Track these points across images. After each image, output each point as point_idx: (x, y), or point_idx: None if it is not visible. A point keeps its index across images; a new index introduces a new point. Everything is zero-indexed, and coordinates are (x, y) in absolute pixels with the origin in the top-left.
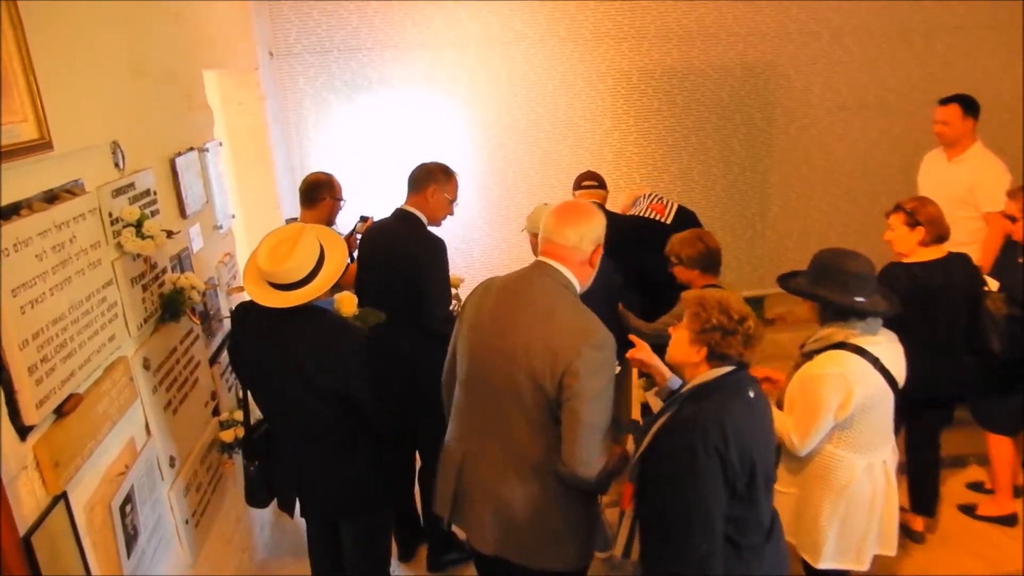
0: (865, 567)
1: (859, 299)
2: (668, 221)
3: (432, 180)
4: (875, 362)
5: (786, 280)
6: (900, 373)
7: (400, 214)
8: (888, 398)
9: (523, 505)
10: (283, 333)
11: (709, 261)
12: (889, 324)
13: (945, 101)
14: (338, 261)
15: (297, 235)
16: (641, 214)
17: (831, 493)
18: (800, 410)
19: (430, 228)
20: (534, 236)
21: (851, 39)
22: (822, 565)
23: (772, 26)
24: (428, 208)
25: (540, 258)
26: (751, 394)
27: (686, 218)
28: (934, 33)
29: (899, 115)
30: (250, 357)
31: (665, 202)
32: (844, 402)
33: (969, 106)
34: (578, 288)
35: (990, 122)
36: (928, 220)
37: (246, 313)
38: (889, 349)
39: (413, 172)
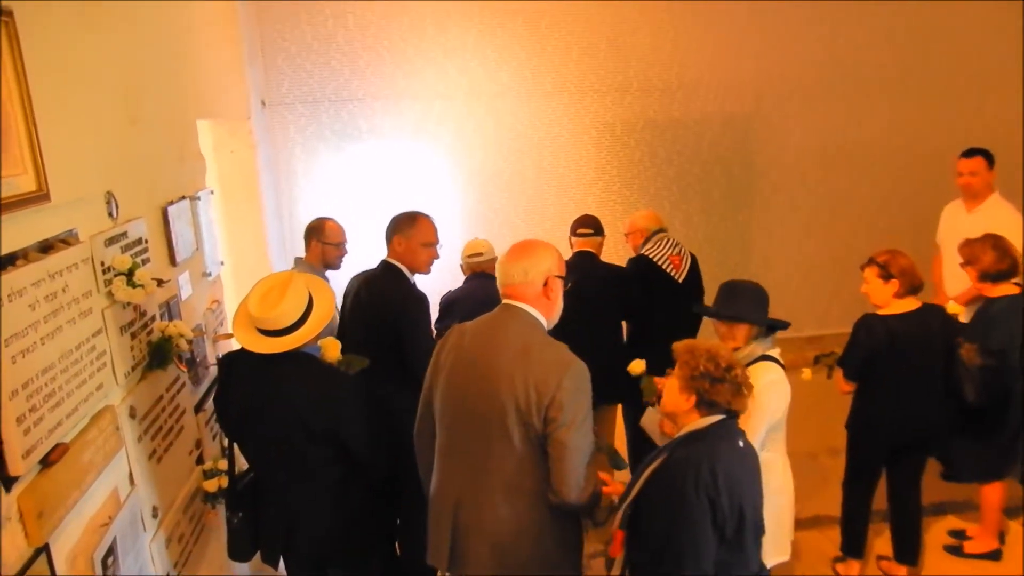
0: (788, 556)
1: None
2: (680, 279)
3: (396, 231)
4: (784, 368)
5: (704, 309)
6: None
7: (383, 266)
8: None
9: (519, 535)
10: (273, 377)
11: None
12: (867, 373)
13: (969, 154)
14: (325, 308)
15: (286, 282)
16: (658, 260)
17: (770, 496)
18: (744, 423)
19: (415, 278)
20: (492, 260)
21: (823, 95)
22: (768, 565)
23: (749, 81)
24: (403, 258)
25: (504, 301)
26: (741, 443)
27: (694, 273)
28: (901, 91)
29: (873, 166)
30: (238, 404)
31: (682, 255)
32: (780, 405)
33: (991, 158)
34: (545, 323)
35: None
36: (900, 272)
37: (232, 362)
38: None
39: (388, 225)
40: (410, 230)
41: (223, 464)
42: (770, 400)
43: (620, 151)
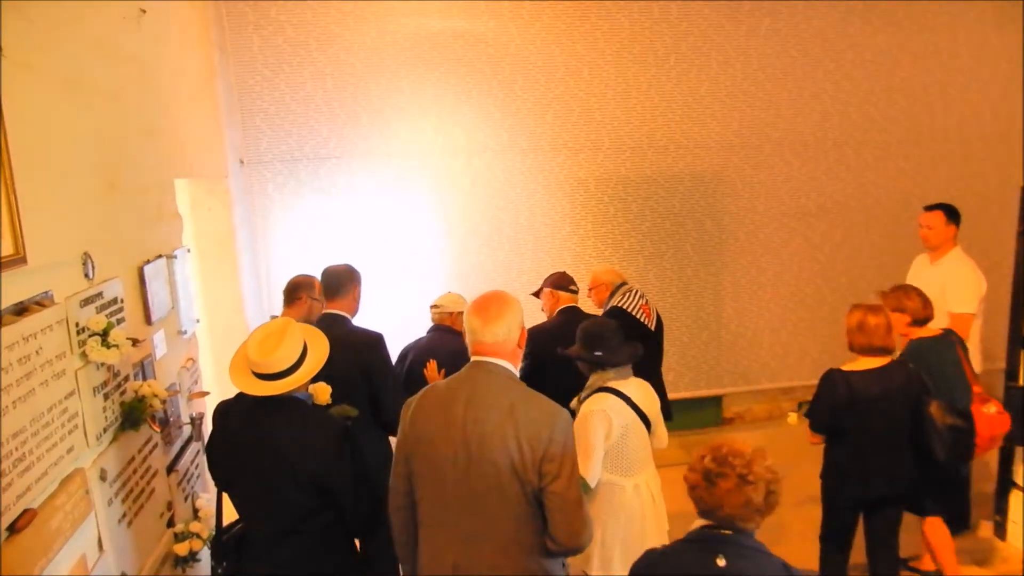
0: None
1: (597, 353)
2: (652, 327)
3: (357, 281)
4: (627, 399)
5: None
6: (648, 408)
7: (329, 317)
8: (640, 427)
9: None
10: (266, 423)
11: None
12: (832, 427)
13: (930, 208)
14: (319, 354)
15: (283, 329)
16: (632, 311)
17: (613, 513)
18: (580, 446)
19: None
20: (450, 315)
21: (790, 152)
22: (613, 574)
23: (716, 139)
24: (353, 307)
25: (475, 358)
26: (720, 562)
27: (659, 320)
28: (865, 147)
29: (838, 221)
30: (229, 451)
31: (649, 304)
32: (608, 431)
33: (952, 213)
34: (515, 372)
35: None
36: (847, 330)
37: (227, 409)
38: (637, 389)
39: (333, 279)
40: (360, 281)
41: (195, 526)
42: (592, 428)
43: (594, 207)
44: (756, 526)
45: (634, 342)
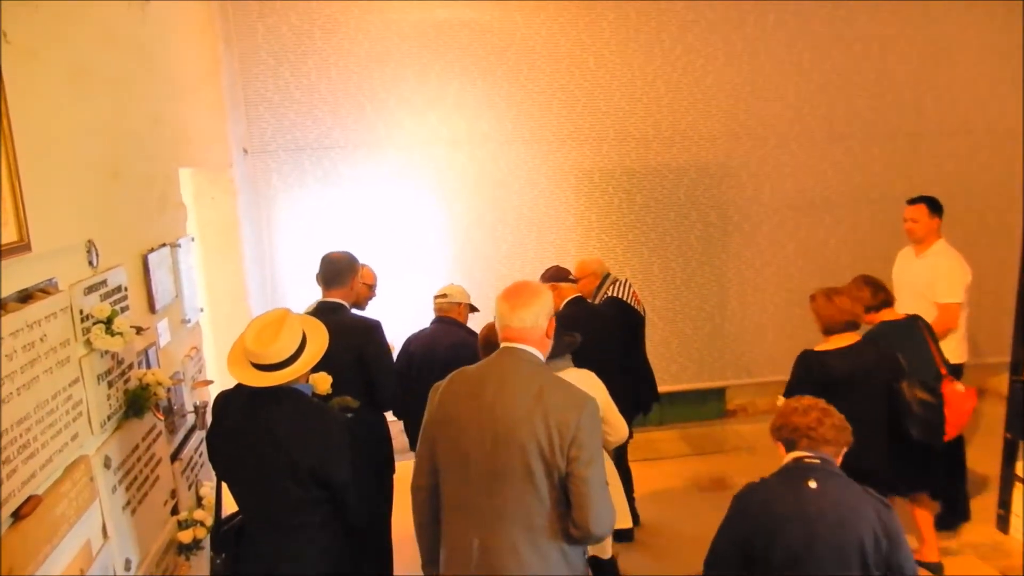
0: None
1: None
2: (643, 313)
3: (357, 270)
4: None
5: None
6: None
7: (326, 305)
8: None
9: (539, 571)
10: (265, 415)
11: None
12: None
13: (913, 201)
14: (318, 345)
15: (282, 319)
16: (624, 298)
17: None
18: None
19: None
20: (456, 305)
21: (795, 144)
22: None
23: (722, 131)
24: (351, 295)
25: (505, 344)
26: (812, 483)
27: (642, 307)
28: (870, 140)
29: (843, 214)
30: (228, 441)
31: (636, 292)
32: None
33: (934, 206)
34: (543, 360)
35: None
36: (815, 314)
37: (227, 400)
38: (575, 380)
39: (333, 266)
40: (360, 271)
41: (199, 514)
42: None
43: (599, 198)
44: (836, 455)
45: (572, 333)
